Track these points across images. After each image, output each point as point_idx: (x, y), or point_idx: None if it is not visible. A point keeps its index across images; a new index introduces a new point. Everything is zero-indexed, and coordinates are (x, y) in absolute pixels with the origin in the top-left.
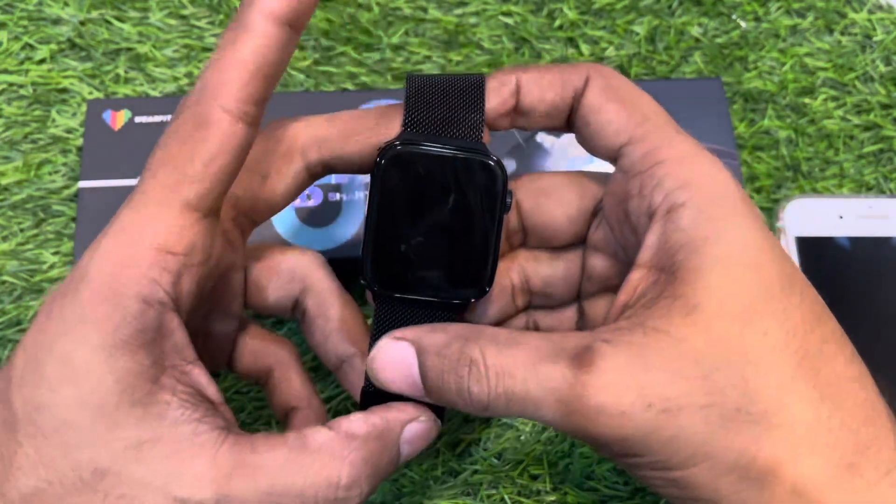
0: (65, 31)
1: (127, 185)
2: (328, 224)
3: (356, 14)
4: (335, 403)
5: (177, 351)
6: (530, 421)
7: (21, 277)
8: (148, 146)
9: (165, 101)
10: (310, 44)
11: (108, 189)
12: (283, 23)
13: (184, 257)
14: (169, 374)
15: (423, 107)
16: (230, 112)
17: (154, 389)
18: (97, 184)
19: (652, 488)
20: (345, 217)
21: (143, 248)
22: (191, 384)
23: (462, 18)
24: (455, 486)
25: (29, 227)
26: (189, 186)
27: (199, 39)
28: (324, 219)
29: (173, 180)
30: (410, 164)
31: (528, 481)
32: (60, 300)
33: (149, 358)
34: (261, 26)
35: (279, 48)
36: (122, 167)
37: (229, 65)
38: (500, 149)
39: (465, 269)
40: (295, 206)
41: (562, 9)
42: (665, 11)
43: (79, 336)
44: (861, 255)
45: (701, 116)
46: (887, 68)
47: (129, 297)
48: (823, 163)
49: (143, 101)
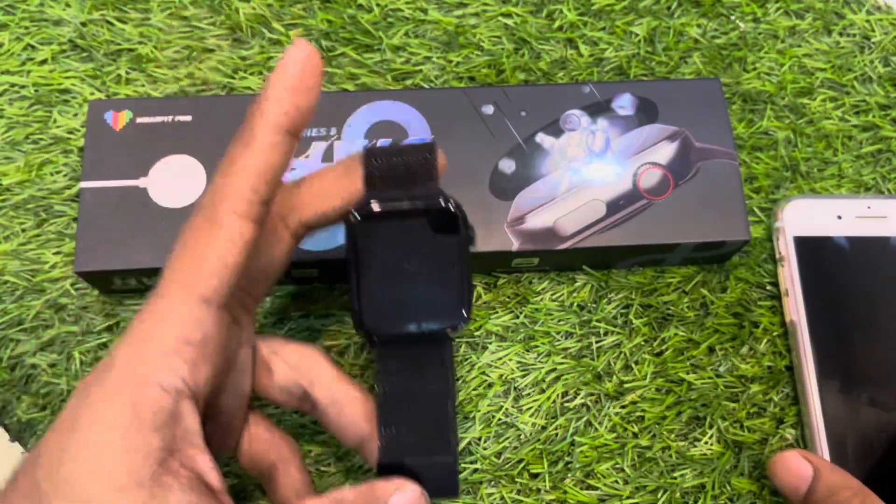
0: (66, 32)
1: (128, 185)
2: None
3: (356, 15)
4: None
5: (187, 436)
6: (530, 420)
7: (23, 277)
8: (149, 147)
9: (167, 102)
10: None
11: (109, 189)
12: (286, 132)
13: (201, 347)
14: (176, 458)
15: (383, 168)
16: (238, 213)
17: (160, 472)
18: (98, 184)
19: None
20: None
21: (163, 339)
22: (194, 469)
23: (462, 19)
24: None
25: (30, 227)
26: (204, 282)
27: (201, 40)
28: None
29: (190, 276)
30: (381, 219)
31: (527, 480)
32: (90, 384)
33: (161, 441)
34: (266, 137)
35: (282, 154)
36: (123, 167)
37: (238, 170)
38: (500, 150)
39: (444, 300)
40: None
41: (561, 10)
42: (664, 12)
43: (101, 416)
44: (859, 254)
45: (700, 117)
46: (886, 69)
47: (149, 384)
48: (822, 163)
49: (144, 102)
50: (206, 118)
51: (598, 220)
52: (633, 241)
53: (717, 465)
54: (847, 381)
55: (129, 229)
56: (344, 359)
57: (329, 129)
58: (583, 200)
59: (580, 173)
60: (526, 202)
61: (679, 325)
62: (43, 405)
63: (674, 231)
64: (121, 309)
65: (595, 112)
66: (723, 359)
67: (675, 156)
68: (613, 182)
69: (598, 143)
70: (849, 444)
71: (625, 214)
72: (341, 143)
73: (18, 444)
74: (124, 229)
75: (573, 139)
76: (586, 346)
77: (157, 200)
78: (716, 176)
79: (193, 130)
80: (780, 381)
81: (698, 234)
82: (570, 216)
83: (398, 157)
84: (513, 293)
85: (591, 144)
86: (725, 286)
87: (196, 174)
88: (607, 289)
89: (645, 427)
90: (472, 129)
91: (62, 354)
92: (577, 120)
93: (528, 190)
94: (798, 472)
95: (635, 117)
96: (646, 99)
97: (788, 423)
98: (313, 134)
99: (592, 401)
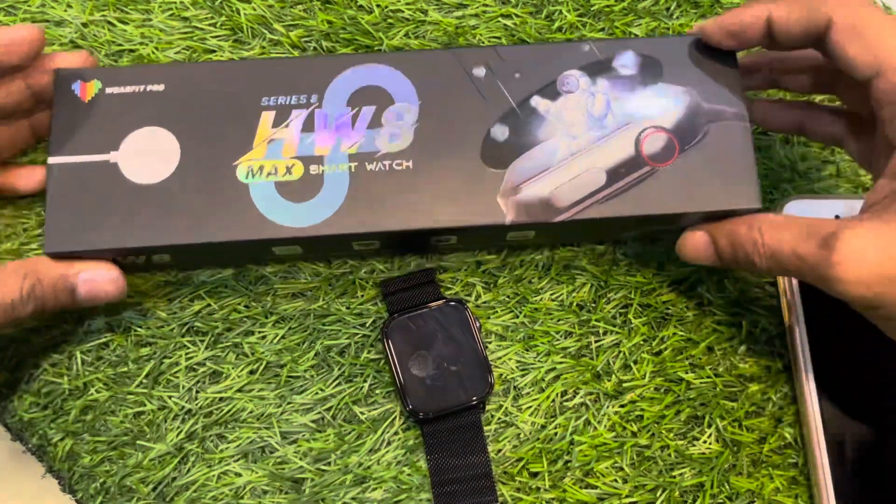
0: (67, 33)
1: (98, 160)
2: (309, 199)
3: (357, 16)
4: (336, 402)
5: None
6: (530, 419)
7: None
8: (120, 119)
9: (137, 70)
10: (311, 46)
11: (78, 165)
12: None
13: None
14: None
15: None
16: None
17: None
18: (67, 160)
19: (887, 333)
20: (327, 191)
21: None
22: None
23: (462, 20)
24: None
25: (31, 227)
26: None
27: (201, 41)
28: (304, 194)
29: None
30: (406, 326)
31: (527, 479)
32: None
33: None
34: None
35: None
36: (93, 142)
37: None
38: (493, 115)
39: (470, 376)
40: (275, 180)
41: (561, 10)
42: (663, 13)
43: None
44: None
45: (708, 75)
46: None
47: None
48: (820, 163)
49: (114, 71)
50: (179, 87)
51: (597, 190)
52: (635, 212)
53: (716, 464)
54: (845, 381)
55: (101, 207)
56: (344, 358)
57: (310, 97)
58: (581, 169)
59: (578, 139)
60: (520, 171)
61: (678, 324)
62: (44, 405)
63: (680, 200)
64: (122, 308)
65: (595, 72)
66: (721, 358)
67: (682, 118)
68: (614, 148)
69: (598, 107)
70: (847, 443)
71: (626, 183)
72: (322, 111)
73: (20, 444)
74: (95, 208)
75: (571, 102)
76: (585, 345)
77: (129, 176)
78: (725, 139)
79: (166, 101)
80: (779, 381)
81: (706, 203)
82: (567, 185)
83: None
84: (513, 293)
85: (590, 108)
86: (724, 286)
87: (170, 147)
88: (606, 288)
89: (644, 426)
90: (461, 93)
91: (63, 354)
92: (576, 81)
93: (522, 158)
94: (702, 241)
95: (639, 76)
96: (650, 57)
97: (787, 422)
98: (292, 102)
99: (592, 400)
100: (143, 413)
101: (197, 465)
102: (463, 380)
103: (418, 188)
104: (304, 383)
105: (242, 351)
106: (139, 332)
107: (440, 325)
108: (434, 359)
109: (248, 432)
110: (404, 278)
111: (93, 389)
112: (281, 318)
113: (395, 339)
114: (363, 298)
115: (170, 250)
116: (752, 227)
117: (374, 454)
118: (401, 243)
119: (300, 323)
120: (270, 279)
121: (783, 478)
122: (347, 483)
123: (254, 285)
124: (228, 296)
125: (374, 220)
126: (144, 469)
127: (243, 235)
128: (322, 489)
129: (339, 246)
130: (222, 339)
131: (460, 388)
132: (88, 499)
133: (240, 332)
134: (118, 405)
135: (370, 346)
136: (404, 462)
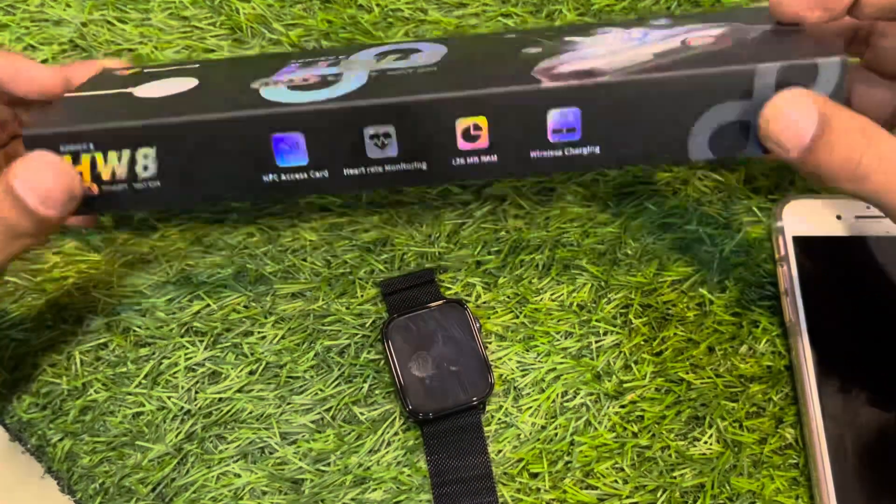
0: (66, 33)
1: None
2: (321, 89)
3: (357, 15)
4: (335, 402)
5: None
6: (530, 420)
7: (24, 278)
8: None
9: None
10: (310, 45)
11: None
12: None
13: None
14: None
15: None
16: None
17: None
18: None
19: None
20: (343, 84)
21: None
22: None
23: (462, 20)
24: None
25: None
26: None
27: (201, 41)
28: (318, 88)
29: None
30: (405, 327)
31: (527, 480)
32: None
33: None
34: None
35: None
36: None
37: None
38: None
39: (470, 377)
40: (289, 85)
41: (561, 10)
42: (663, 13)
43: None
44: (859, 254)
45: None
46: None
47: None
48: None
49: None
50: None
51: (645, 62)
52: (696, 71)
53: (717, 465)
54: (846, 381)
55: (96, 106)
56: (344, 359)
57: (337, 56)
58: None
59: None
60: (558, 60)
61: (678, 324)
62: (43, 405)
63: (749, 55)
64: (121, 308)
65: (628, 26)
66: (722, 359)
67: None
68: (660, 45)
69: (635, 35)
70: (848, 443)
71: (679, 58)
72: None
73: (18, 444)
74: (90, 106)
75: (607, 37)
76: (586, 345)
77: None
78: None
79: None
80: (780, 381)
81: (781, 55)
82: (610, 59)
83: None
84: (513, 293)
85: (627, 35)
86: (725, 286)
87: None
88: (607, 288)
89: (644, 427)
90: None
91: (62, 354)
92: (609, 28)
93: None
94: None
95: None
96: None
97: (788, 422)
98: (319, 59)
99: (592, 400)
100: (143, 413)
101: (196, 466)
102: (463, 380)
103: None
104: (303, 384)
105: (242, 351)
106: (138, 333)
107: (440, 326)
108: (434, 359)
109: (248, 433)
110: (404, 278)
111: (92, 390)
112: (280, 318)
113: (394, 340)
114: (363, 299)
115: (155, 139)
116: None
117: (374, 455)
118: (423, 143)
119: (300, 323)
120: (270, 279)
121: (784, 478)
122: (347, 484)
123: (253, 285)
124: (228, 296)
125: (390, 96)
126: (144, 470)
127: (239, 112)
128: (322, 490)
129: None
130: (221, 339)
131: (460, 389)
132: (87, 499)
133: (239, 333)
134: (117, 405)
135: (370, 346)
136: (404, 463)
